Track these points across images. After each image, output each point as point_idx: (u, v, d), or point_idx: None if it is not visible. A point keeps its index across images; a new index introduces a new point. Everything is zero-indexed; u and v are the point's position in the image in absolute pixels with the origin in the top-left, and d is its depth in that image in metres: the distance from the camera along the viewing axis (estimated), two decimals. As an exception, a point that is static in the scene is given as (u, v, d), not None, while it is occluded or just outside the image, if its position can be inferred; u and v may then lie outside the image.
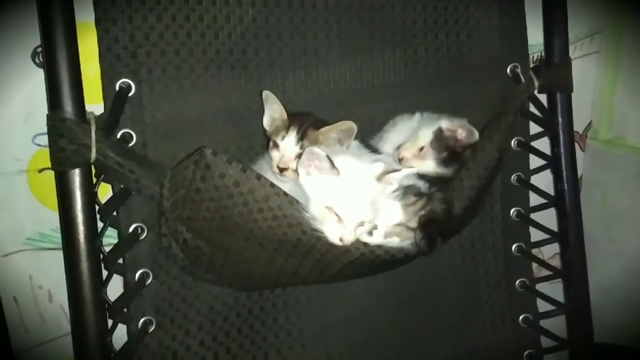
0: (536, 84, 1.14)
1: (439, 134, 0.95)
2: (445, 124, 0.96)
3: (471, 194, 0.92)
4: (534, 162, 1.21)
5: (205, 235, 0.85)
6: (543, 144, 1.22)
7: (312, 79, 1.03)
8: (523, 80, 1.14)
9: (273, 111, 0.91)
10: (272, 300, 1.03)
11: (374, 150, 0.93)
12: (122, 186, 0.87)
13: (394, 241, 0.82)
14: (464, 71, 1.13)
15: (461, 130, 0.95)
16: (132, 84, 0.90)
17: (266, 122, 0.92)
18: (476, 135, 0.94)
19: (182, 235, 0.87)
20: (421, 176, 0.88)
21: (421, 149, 0.94)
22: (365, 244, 0.81)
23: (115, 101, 0.89)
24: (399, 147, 0.95)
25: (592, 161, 1.45)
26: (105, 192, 0.89)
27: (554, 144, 1.20)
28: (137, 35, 0.90)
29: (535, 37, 1.20)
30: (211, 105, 0.96)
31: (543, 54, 1.23)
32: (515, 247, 1.19)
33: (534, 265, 1.22)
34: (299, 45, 1.00)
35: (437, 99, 1.10)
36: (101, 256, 0.86)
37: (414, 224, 0.81)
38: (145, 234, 0.91)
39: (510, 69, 1.14)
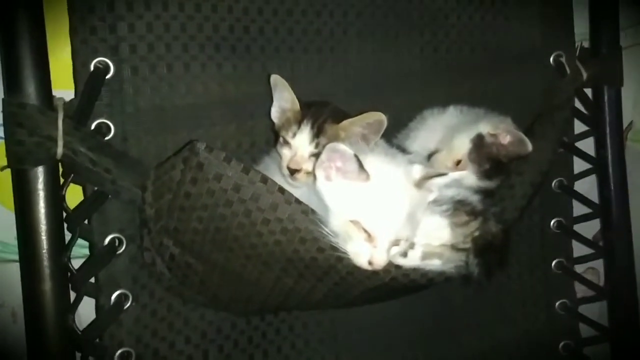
0: (584, 75, 0.98)
1: (478, 142, 0.77)
2: (485, 127, 0.79)
3: (523, 205, 0.76)
4: (577, 166, 1.06)
5: (197, 250, 0.69)
6: (587, 146, 1.06)
7: (327, 65, 0.88)
8: (568, 72, 0.99)
9: (283, 100, 0.74)
10: (275, 326, 0.87)
11: (402, 150, 0.77)
12: (95, 188, 0.73)
13: (434, 264, 0.65)
14: (501, 59, 0.98)
15: (505, 135, 0.78)
16: (111, 63, 0.74)
17: (275, 113, 0.76)
18: (528, 146, 0.77)
19: (169, 249, 0.71)
20: (470, 186, 0.72)
21: (458, 162, 0.78)
22: (398, 267, 0.65)
23: (90, 84, 0.73)
24: (430, 157, 0.79)
25: (632, 165, 1.29)
26: (75, 196, 0.75)
27: (600, 144, 1.05)
28: (117, 4, 0.74)
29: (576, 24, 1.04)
30: (207, 92, 0.80)
31: (583, 43, 1.08)
32: (555, 264, 1.03)
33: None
34: (312, 24, 0.86)
35: (470, 91, 0.95)
36: (69, 274, 0.71)
37: (462, 245, 0.65)
38: (123, 247, 0.75)
39: (554, 58, 1.00)
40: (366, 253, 0.60)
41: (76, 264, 0.75)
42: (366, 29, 0.88)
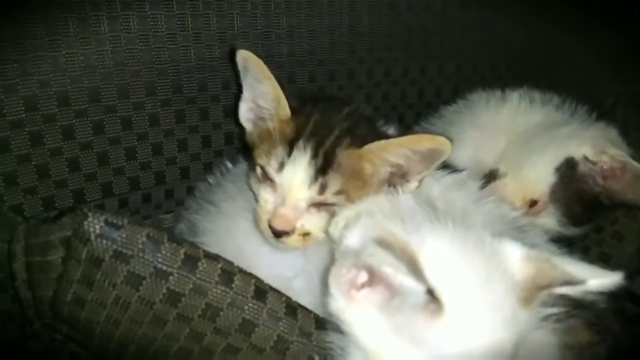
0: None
1: (568, 174, 0.49)
2: (579, 148, 0.49)
3: (631, 273, 0.50)
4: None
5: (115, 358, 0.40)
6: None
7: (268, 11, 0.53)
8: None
9: (260, 96, 0.41)
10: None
11: (448, 167, 0.47)
12: None
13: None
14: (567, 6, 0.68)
15: (612, 164, 0.48)
16: None
17: (245, 114, 0.43)
18: None
19: (68, 347, 0.43)
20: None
21: (533, 203, 0.50)
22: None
23: None
24: (487, 181, 0.49)
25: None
26: None
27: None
28: None
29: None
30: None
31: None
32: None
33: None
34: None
35: (519, 54, 0.67)
36: None
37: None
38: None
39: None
40: None
41: None
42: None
